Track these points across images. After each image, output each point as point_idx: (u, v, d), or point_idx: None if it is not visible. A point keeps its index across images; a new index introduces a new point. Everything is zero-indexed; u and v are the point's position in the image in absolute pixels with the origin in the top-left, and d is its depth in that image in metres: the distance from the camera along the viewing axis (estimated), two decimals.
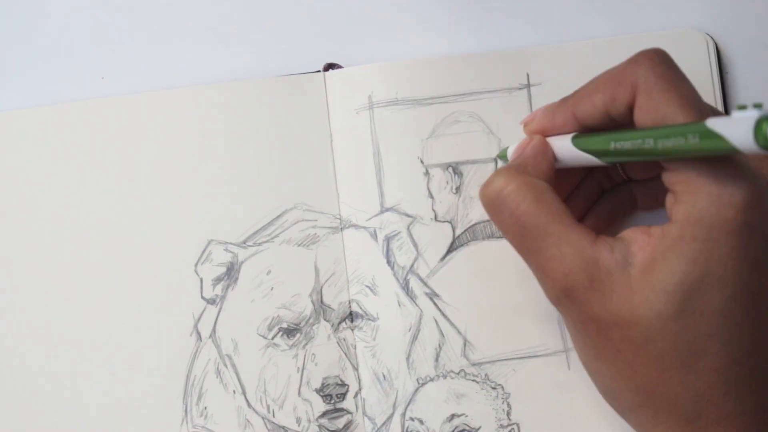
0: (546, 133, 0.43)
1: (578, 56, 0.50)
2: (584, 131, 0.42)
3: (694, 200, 0.36)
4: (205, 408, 0.48)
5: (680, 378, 0.37)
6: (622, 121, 0.40)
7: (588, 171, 0.46)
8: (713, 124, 0.34)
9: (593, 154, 0.40)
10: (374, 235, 0.49)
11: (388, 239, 0.49)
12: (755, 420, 0.38)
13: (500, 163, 0.50)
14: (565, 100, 0.42)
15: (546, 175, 0.41)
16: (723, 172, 0.36)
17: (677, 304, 0.36)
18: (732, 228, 0.36)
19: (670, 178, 0.38)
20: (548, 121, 0.42)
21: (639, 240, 0.38)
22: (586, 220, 0.46)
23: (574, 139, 0.41)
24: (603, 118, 0.40)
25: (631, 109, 0.39)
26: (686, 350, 0.37)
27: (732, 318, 0.37)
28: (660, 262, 0.37)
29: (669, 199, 0.38)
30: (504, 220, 0.40)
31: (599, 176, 0.47)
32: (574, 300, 0.39)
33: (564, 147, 0.42)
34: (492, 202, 0.40)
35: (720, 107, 0.50)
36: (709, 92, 0.50)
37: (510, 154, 0.45)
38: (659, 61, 0.39)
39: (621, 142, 0.38)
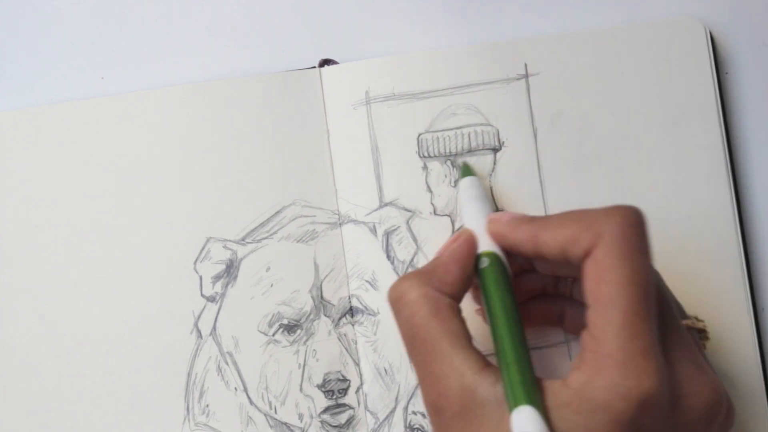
0: (501, 241, 0.42)
1: (576, 46, 0.50)
2: (540, 258, 0.41)
3: (594, 376, 0.36)
4: (207, 406, 0.48)
5: None
6: (573, 264, 0.39)
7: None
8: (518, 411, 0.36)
9: (478, 272, 0.41)
10: (374, 230, 0.49)
11: (387, 234, 0.49)
12: None
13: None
14: (533, 220, 0.41)
15: (453, 288, 0.41)
16: (633, 363, 0.35)
17: None
18: (617, 419, 0.35)
19: (585, 336, 0.37)
20: (509, 232, 0.41)
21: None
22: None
23: (482, 267, 0.41)
24: (558, 254, 0.39)
25: (587, 256, 0.38)
26: None
27: None
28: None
29: (575, 360, 0.37)
30: (400, 323, 0.40)
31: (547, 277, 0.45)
32: (440, 420, 0.38)
33: (482, 246, 0.42)
34: (393, 304, 0.41)
35: (718, 103, 0.50)
36: (705, 81, 0.50)
37: (464, 184, 0.46)
38: (631, 222, 0.38)
39: (497, 303, 0.40)
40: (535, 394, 0.36)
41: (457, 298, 0.41)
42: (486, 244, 0.42)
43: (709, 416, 0.38)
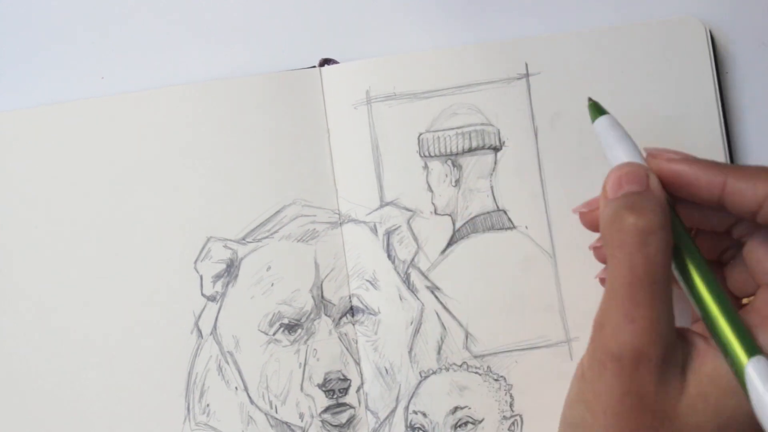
0: (675, 183, 0.39)
1: (576, 45, 0.50)
2: (718, 209, 0.38)
3: None
4: (208, 405, 0.48)
5: None
6: (751, 229, 0.38)
7: None
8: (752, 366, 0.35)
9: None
10: (374, 230, 0.49)
11: (388, 233, 0.49)
12: None
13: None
14: (723, 166, 0.38)
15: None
16: None
17: (719, 427, 0.36)
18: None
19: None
20: (692, 172, 0.38)
21: (700, 345, 0.37)
22: None
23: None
24: (751, 209, 0.37)
25: None
26: None
27: None
28: (720, 380, 0.36)
29: (753, 305, 0.37)
30: (634, 257, 0.36)
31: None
32: (637, 367, 0.36)
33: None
34: (637, 235, 0.36)
35: (718, 102, 0.50)
36: (705, 81, 0.50)
37: (602, 125, 0.42)
38: None
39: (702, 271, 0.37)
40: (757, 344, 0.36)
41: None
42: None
43: None
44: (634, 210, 0.37)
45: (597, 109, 0.43)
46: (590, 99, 0.43)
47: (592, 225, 0.42)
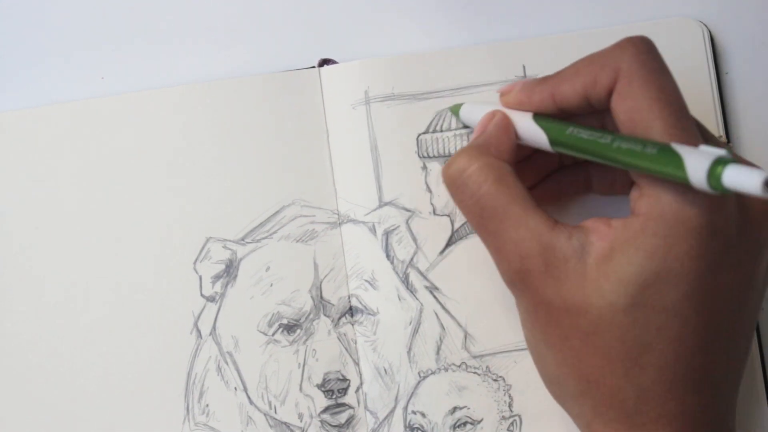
0: (519, 109, 0.42)
1: (574, 47, 0.50)
2: (558, 115, 0.41)
3: (659, 195, 0.36)
4: (207, 405, 0.48)
5: (624, 371, 0.37)
6: (599, 108, 0.39)
7: None
8: (676, 147, 0.34)
9: (549, 136, 0.40)
10: (373, 230, 0.49)
11: (387, 233, 0.49)
12: (694, 420, 0.37)
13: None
14: (545, 79, 0.42)
15: (508, 155, 0.41)
16: None
17: (629, 296, 0.36)
18: (693, 226, 0.35)
19: (634, 173, 0.38)
20: (525, 98, 0.42)
21: (599, 230, 0.38)
22: (535, 191, 0.45)
23: (534, 116, 0.41)
24: (582, 102, 0.40)
25: (610, 95, 0.38)
26: (633, 343, 0.37)
27: (682, 316, 0.36)
28: (617, 253, 0.36)
29: (634, 192, 0.38)
30: (464, 200, 0.40)
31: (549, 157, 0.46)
32: (527, 284, 0.39)
33: (524, 124, 0.42)
34: (454, 182, 0.40)
35: (717, 101, 0.50)
36: (705, 81, 0.50)
37: (464, 112, 0.46)
38: (644, 50, 0.38)
39: (578, 130, 0.39)
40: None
41: (513, 164, 0.41)
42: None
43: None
44: (449, 163, 0.41)
45: (454, 110, 0.48)
46: (449, 108, 0.49)
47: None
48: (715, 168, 0.32)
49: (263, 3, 0.52)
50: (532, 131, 0.41)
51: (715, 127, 0.50)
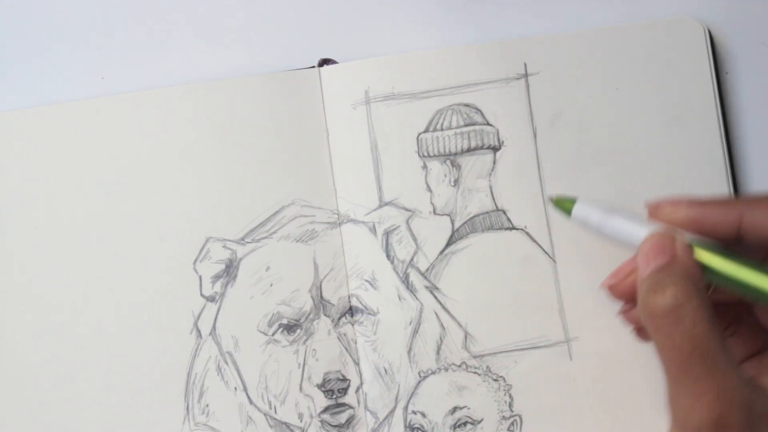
0: (690, 228, 0.38)
1: (575, 45, 0.50)
2: (737, 243, 0.37)
3: None
4: (207, 405, 0.48)
5: None
6: None
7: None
8: None
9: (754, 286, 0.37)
10: (373, 230, 0.49)
11: (387, 233, 0.49)
12: None
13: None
14: (735, 201, 0.38)
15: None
16: None
17: None
18: None
19: None
20: (700, 215, 0.38)
21: None
22: None
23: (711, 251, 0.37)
24: None
25: None
26: None
27: None
28: None
29: None
30: (673, 336, 0.36)
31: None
32: None
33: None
34: (666, 314, 0.36)
35: (717, 102, 0.50)
36: (705, 80, 0.50)
37: (580, 212, 0.41)
38: None
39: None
40: None
41: None
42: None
43: None
44: (658, 290, 0.36)
45: (562, 202, 0.42)
46: (551, 198, 0.43)
47: (626, 295, 0.40)
48: None
49: (263, 3, 0.52)
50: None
51: (715, 126, 0.50)
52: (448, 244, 0.49)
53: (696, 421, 0.36)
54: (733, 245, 0.38)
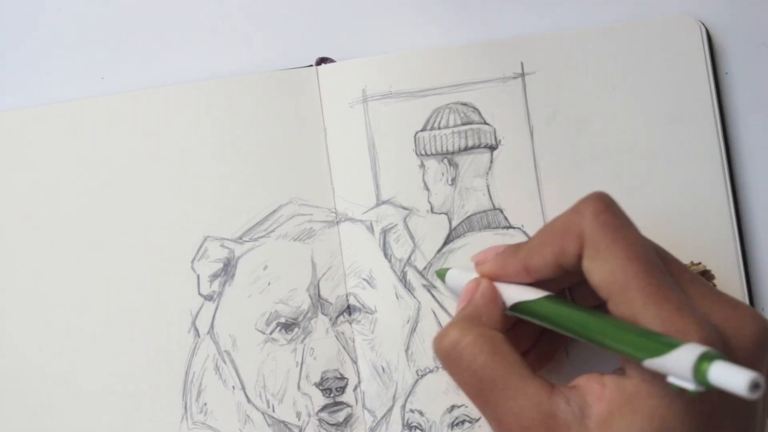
0: (496, 280, 0.42)
1: (572, 44, 0.50)
2: (535, 283, 0.41)
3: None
4: (205, 404, 0.48)
5: None
6: (573, 271, 0.39)
7: None
8: (650, 363, 0.34)
9: (529, 316, 0.40)
10: (371, 228, 0.49)
11: (384, 232, 0.49)
12: None
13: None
14: (516, 250, 0.41)
15: (499, 324, 0.40)
16: (674, 327, 0.35)
17: None
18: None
19: None
20: (500, 269, 0.41)
21: (594, 390, 0.37)
22: (529, 355, 0.45)
23: (511, 308, 0.41)
24: (556, 270, 0.39)
25: (580, 260, 0.38)
26: None
27: None
28: (617, 416, 0.36)
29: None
30: (460, 373, 0.39)
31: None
32: None
33: (508, 295, 0.41)
34: (448, 355, 0.39)
35: (714, 101, 0.50)
36: (702, 79, 0.50)
37: (450, 278, 0.45)
38: (602, 208, 0.38)
39: (557, 308, 0.39)
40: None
41: (504, 332, 0.40)
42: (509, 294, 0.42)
43: (760, 347, 0.38)
44: (439, 337, 0.40)
45: (440, 274, 0.46)
46: (436, 272, 0.48)
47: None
48: (701, 364, 0.32)
49: (261, 2, 0.52)
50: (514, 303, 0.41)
51: (713, 126, 0.50)
52: (446, 242, 0.49)
53: None
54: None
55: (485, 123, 0.50)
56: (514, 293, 0.41)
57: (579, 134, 0.50)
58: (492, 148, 0.50)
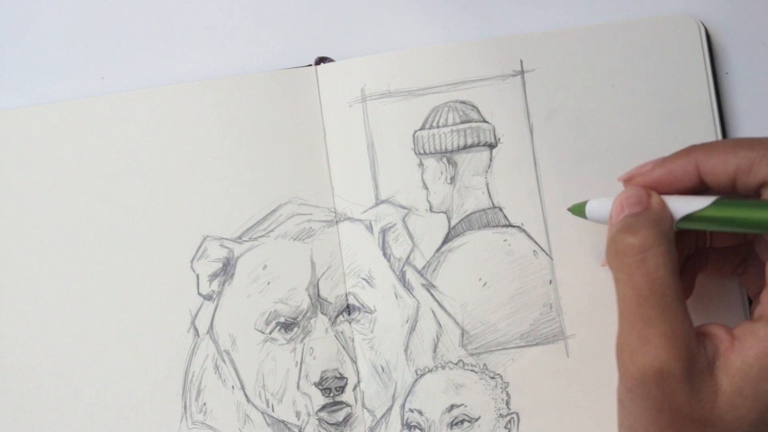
0: (659, 187, 0.40)
1: (571, 42, 0.50)
2: (691, 190, 0.39)
3: None
4: (204, 404, 0.48)
5: None
6: (741, 192, 0.38)
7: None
8: None
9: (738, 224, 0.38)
10: (370, 228, 0.49)
11: (383, 231, 0.49)
12: None
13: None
14: (689, 150, 0.39)
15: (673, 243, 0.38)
16: None
17: (760, 412, 0.36)
18: None
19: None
20: (666, 172, 0.40)
21: (725, 340, 0.37)
22: None
23: (680, 222, 0.39)
24: (726, 182, 0.38)
25: (762, 186, 0.37)
26: None
27: None
28: (752, 369, 0.36)
29: (765, 295, 0.37)
30: (634, 275, 0.37)
31: (687, 241, 0.45)
32: (662, 385, 0.36)
33: (679, 211, 0.39)
34: (631, 252, 0.37)
35: (712, 99, 0.49)
36: (701, 78, 0.50)
37: (591, 209, 0.43)
38: None
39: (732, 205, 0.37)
40: None
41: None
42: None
43: None
44: (629, 231, 0.38)
45: (577, 207, 0.45)
46: (569, 209, 0.46)
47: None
48: None
49: (260, 2, 0.52)
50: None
51: (711, 124, 0.49)
52: (445, 241, 0.49)
53: (639, 366, 0.37)
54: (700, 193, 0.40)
55: (484, 121, 0.50)
56: (680, 206, 0.39)
57: (578, 132, 0.49)
58: (491, 146, 0.50)
